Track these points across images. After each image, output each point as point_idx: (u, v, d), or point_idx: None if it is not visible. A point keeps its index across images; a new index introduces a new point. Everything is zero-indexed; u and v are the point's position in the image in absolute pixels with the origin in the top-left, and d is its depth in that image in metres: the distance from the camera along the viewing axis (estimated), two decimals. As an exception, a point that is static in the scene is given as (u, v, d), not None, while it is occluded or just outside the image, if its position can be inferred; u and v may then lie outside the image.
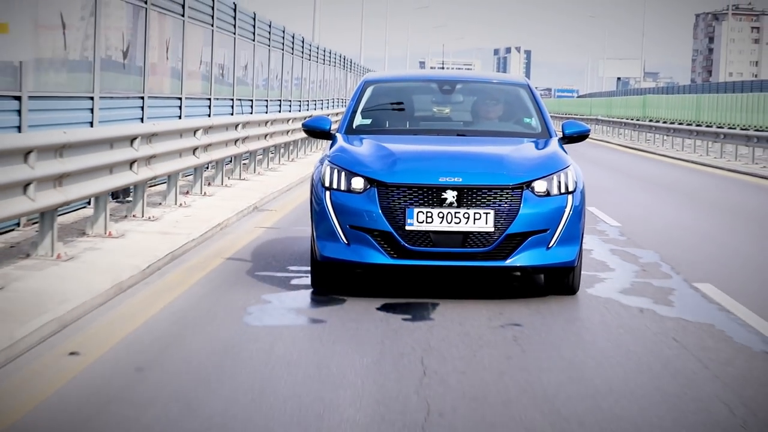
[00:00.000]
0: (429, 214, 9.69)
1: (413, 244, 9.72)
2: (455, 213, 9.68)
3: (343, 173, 10.00)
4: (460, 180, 9.77)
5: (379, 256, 9.78)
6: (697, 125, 56.58)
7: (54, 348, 7.83)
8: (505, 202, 9.75)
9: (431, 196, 9.72)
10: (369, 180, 9.88)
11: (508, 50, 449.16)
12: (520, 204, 9.77)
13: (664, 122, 63.75)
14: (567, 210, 9.95)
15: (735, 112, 53.28)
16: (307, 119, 11.57)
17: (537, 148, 10.63)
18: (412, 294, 10.19)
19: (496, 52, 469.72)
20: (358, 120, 11.44)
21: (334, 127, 11.52)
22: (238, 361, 7.58)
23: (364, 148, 10.41)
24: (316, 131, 11.24)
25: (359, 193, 9.85)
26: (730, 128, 47.05)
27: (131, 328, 8.56)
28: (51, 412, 6.34)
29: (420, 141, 10.94)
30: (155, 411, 6.38)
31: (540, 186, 9.92)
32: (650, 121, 66.47)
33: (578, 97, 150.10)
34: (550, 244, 9.87)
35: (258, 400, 6.64)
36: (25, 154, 10.44)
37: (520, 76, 12.47)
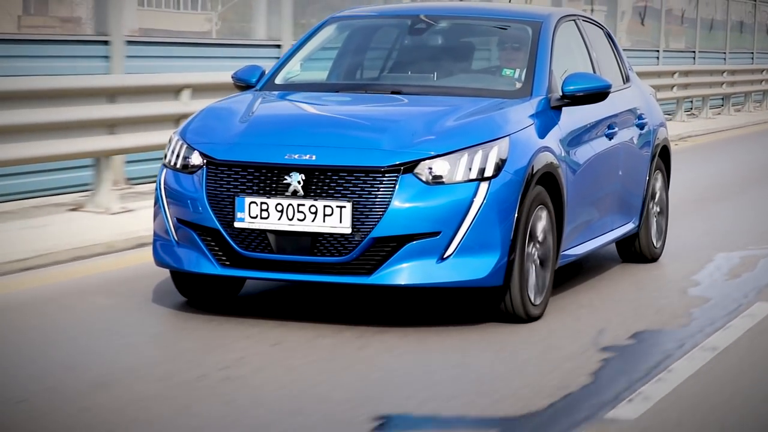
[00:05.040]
0: (264, 206, 6.70)
1: (248, 248, 6.76)
2: (298, 206, 6.66)
3: (184, 146, 7.13)
4: (313, 158, 6.73)
5: (206, 264, 6.87)
6: None
7: None
8: (370, 192, 6.62)
9: (269, 180, 6.72)
10: (203, 156, 7.02)
11: None
12: (392, 194, 6.62)
13: None
14: (476, 204, 6.69)
15: None
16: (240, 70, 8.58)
17: (476, 111, 7.18)
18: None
19: None
20: (292, 71, 8.31)
21: None
22: None
23: (234, 111, 7.36)
24: (243, 85, 8.33)
25: (192, 174, 7.04)
26: None
27: None
28: None
29: (324, 102, 7.82)
30: None
31: (438, 167, 6.70)
32: None
33: None
34: (446, 254, 6.68)
35: None
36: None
37: (557, 9, 8.81)
